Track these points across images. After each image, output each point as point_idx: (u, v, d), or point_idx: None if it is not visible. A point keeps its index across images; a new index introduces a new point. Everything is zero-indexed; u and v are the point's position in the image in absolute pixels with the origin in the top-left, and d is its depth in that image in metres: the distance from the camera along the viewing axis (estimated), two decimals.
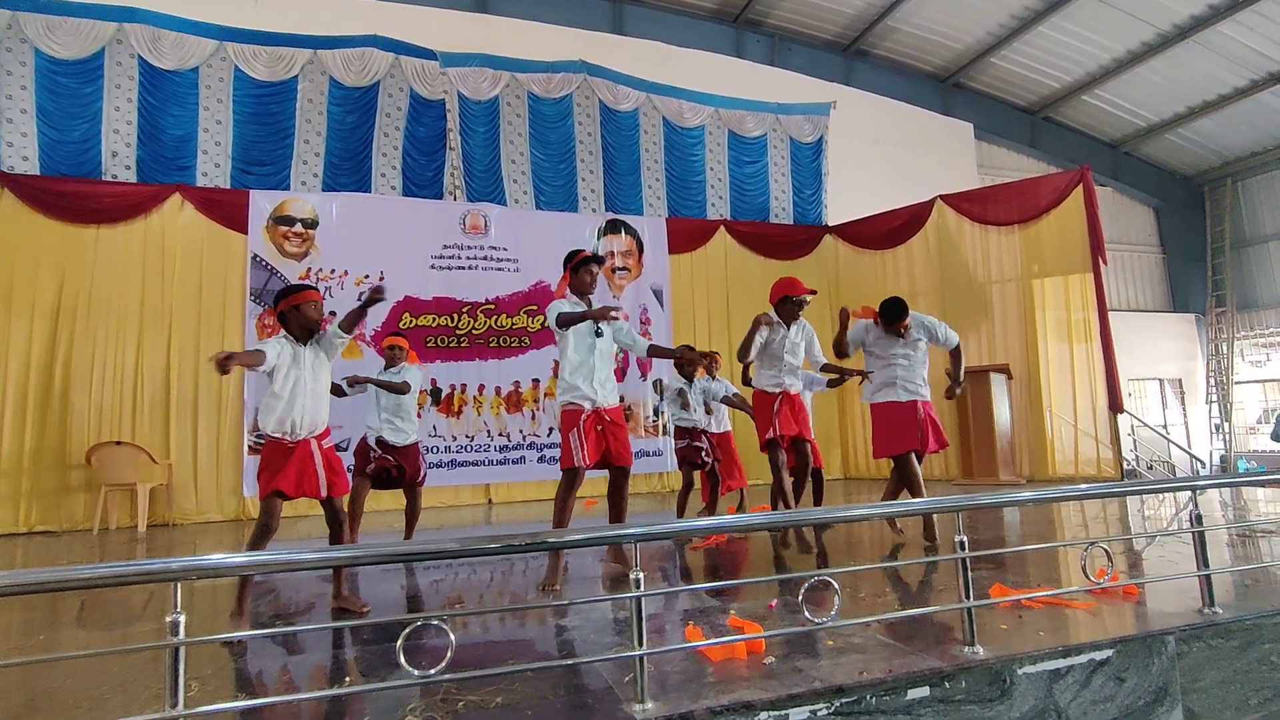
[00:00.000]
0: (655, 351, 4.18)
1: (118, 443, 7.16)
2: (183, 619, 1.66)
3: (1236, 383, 14.16)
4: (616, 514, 3.95)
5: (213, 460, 7.68)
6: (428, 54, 9.14)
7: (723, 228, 10.34)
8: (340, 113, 8.78)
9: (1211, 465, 13.77)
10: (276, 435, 3.18)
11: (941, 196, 9.81)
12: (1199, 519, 2.70)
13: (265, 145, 8.50)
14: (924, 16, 11.63)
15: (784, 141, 11.02)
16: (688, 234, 10.07)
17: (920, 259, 9.96)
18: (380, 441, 4.80)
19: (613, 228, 9.64)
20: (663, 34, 11.09)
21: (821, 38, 12.23)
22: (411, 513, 5.03)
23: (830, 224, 10.96)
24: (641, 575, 1.97)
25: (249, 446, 7.70)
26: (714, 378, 6.01)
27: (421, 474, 5.02)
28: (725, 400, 5.81)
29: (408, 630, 1.79)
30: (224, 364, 2.88)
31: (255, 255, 8.06)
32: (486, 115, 9.39)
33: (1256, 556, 3.87)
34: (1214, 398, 14.25)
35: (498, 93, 9.48)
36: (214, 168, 8.30)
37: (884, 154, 11.77)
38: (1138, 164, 14.73)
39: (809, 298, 4.60)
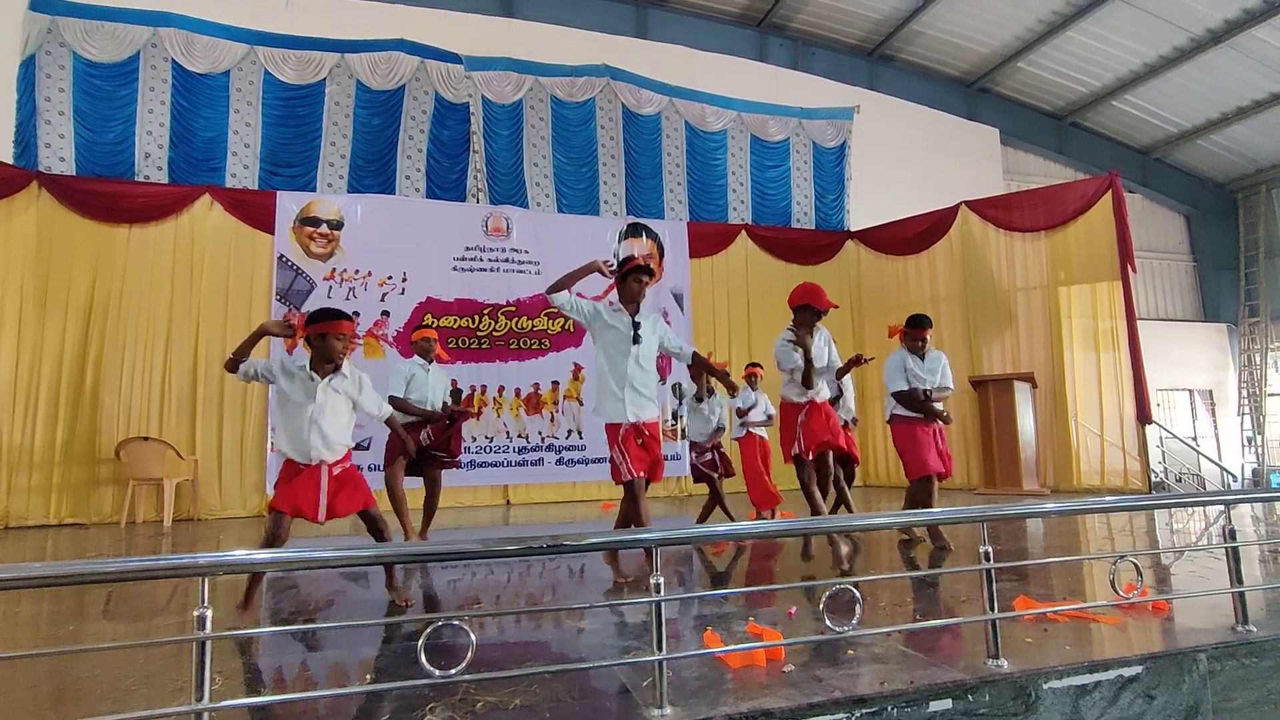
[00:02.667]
0: (699, 361, 4.00)
1: (146, 438, 7.31)
2: (209, 614, 1.67)
3: (1270, 394, 13.83)
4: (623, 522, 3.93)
5: (237, 457, 7.80)
6: (453, 58, 9.24)
7: (744, 232, 10.31)
8: (366, 115, 8.90)
9: (1243, 479, 13.44)
10: (289, 457, 3.23)
11: (966, 202, 9.70)
12: (1232, 534, 2.64)
13: (293, 147, 8.64)
14: (949, 21, 11.52)
15: (807, 146, 10.97)
16: (709, 238, 10.06)
17: (943, 265, 9.85)
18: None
19: (634, 231, 9.66)
20: (686, 38, 11.10)
21: (845, 42, 12.16)
22: (431, 505, 5.09)
23: (852, 229, 10.88)
24: (662, 580, 1.97)
25: (272, 444, 7.80)
26: (754, 388, 6.12)
27: (458, 456, 5.13)
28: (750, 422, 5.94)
29: (429, 630, 1.80)
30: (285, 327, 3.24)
31: (281, 255, 8.19)
32: (510, 118, 9.46)
33: None
34: (1246, 410, 13.92)
35: (521, 96, 9.54)
36: (243, 169, 8.45)
37: (908, 159, 11.67)
38: (1168, 170, 14.45)
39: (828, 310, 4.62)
